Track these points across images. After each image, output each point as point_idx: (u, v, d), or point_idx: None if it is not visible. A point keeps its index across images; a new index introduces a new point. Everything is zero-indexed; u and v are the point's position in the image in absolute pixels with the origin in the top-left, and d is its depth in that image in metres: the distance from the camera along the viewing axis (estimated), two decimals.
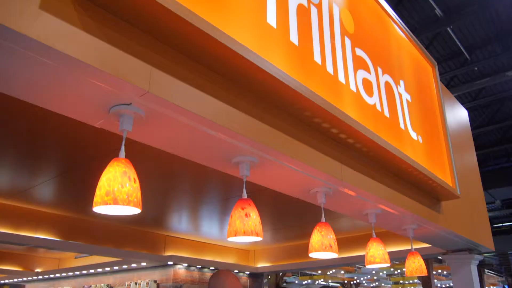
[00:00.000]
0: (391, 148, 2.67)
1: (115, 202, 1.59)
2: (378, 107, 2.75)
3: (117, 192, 1.60)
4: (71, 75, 1.48)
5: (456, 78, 9.18)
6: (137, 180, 1.69)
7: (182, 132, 1.89)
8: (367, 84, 2.68)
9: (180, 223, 5.89)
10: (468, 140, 5.02)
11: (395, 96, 3.04)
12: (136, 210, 1.69)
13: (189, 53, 1.73)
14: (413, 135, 3.17)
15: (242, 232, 2.04)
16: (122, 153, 1.73)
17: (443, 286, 19.04)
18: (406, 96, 3.22)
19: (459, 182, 3.67)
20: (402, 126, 3.02)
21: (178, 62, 1.71)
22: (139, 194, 1.67)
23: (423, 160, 3.19)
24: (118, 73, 1.49)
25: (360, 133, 2.40)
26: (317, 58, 2.25)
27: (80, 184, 4.21)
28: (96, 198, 1.62)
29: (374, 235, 3.24)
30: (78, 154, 3.50)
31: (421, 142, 3.27)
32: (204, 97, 1.77)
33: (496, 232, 13.66)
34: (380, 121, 2.72)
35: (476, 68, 8.60)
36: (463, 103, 8.09)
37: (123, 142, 1.75)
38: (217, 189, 4.33)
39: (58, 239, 5.29)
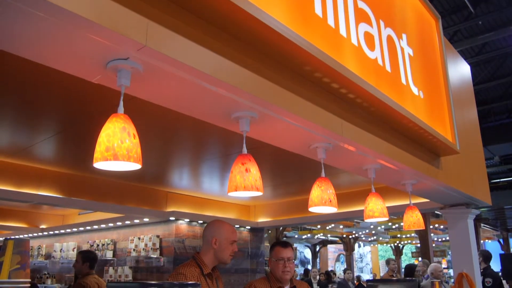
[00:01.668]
0: (392, 103, 2.65)
1: (115, 158, 1.60)
2: (380, 62, 2.70)
3: (117, 148, 1.60)
4: (67, 29, 1.45)
5: (459, 33, 9.02)
6: (137, 136, 1.69)
7: (181, 87, 1.87)
8: (368, 38, 2.63)
9: (181, 180, 5.95)
10: (469, 96, 4.99)
11: (397, 50, 2.99)
12: (136, 166, 1.69)
13: (186, 6, 1.68)
14: (414, 90, 3.15)
15: (243, 187, 2.05)
16: (121, 108, 1.72)
17: (440, 239, 19.49)
18: (408, 51, 3.16)
19: (459, 137, 3.67)
20: (403, 81, 2.99)
21: (175, 16, 1.66)
22: (139, 149, 1.67)
23: (424, 115, 3.18)
24: (114, 27, 1.45)
25: (360, 88, 2.37)
26: (318, 10, 2.20)
27: (81, 141, 4.21)
28: (96, 154, 1.63)
29: (373, 190, 3.27)
30: (78, 111, 3.48)
31: (422, 97, 3.24)
32: (202, 51, 1.74)
33: (493, 188, 13.83)
34: (381, 76, 2.69)
35: (480, 22, 8.43)
36: (465, 58, 7.98)
37: (122, 98, 1.74)
38: (218, 145, 4.34)
39: (61, 196, 5.35)
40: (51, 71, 1.83)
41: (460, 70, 4.80)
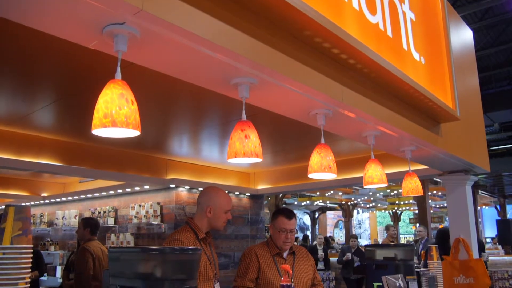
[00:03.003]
0: (393, 69, 2.62)
1: (114, 124, 1.59)
2: (381, 26, 2.66)
3: (115, 114, 1.59)
4: None
5: None
6: (135, 102, 1.67)
7: (179, 52, 1.84)
8: (370, 2, 2.57)
9: (181, 147, 5.95)
10: (471, 62, 4.93)
11: (399, 15, 2.93)
12: (135, 132, 1.69)
13: None
14: (416, 55, 3.11)
15: (242, 153, 2.05)
16: (118, 74, 1.70)
17: (437, 206, 19.73)
18: (410, 15, 3.10)
19: (459, 104, 3.65)
20: (405, 46, 2.94)
21: None
22: (137, 116, 1.66)
23: (425, 81, 3.14)
24: None
25: (361, 53, 2.34)
26: None
27: (80, 108, 4.19)
28: (95, 121, 1.62)
29: (373, 157, 3.28)
30: (76, 78, 3.44)
31: (423, 63, 3.20)
32: (200, 15, 1.71)
33: (492, 155, 13.87)
34: (382, 41, 2.65)
35: None
36: (468, 24, 7.86)
37: (119, 64, 1.72)
38: (217, 112, 4.32)
39: (61, 164, 5.37)
40: (48, 38, 1.79)
41: (463, 36, 4.72)
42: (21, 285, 1.46)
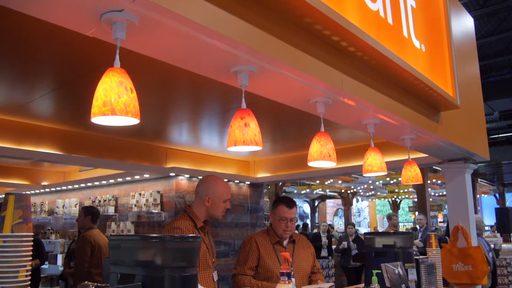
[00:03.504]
0: (393, 57, 2.60)
1: (113, 112, 1.58)
2: (382, 14, 2.64)
3: (114, 102, 1.59)
4: None
5: None
6: (134, 90, 1.66)
7: (178, 40, 1.83)
8: None
9: (180, 136, 5.94)
10: (471, 50, 4.90)
11: (400, 2, 2.90)
12: (134, 121, 1.68)
13: None
14: (416, 43, 3.09)
15: (242, 141, 2.05)
16: (117, 62, 1.69)
17: (436, 194, 19.80)
18: (411, 2, 3.08)
19: (460, 92, 3.64)
20: (405, 34, 2.92)
21: None
22: (136, 104, 1.65)
23: (425, 69, 3.13)
24: None
25: (361, 40, 2.32)
26: None
27: (79, 97, 4.17)
28: (94, 109, 1.61)
29: (373, 145, 3.28)
30: (75, 66, 3.42)
31: (423, 50, 3.19)
32: (199, 1, 1.69)
33: (492, 143, 13.87)
34: (383, 29, 2.63)
35: None
36: (469, 11, 7.79)
37: (117, 51, 1.70)
38: (217, 100, 4.30)
39: (61, 153, 5.36)
40: (47, 26, 1.78)
41: (463, 23, 4.69)
42: (22, 273, 1.46)
